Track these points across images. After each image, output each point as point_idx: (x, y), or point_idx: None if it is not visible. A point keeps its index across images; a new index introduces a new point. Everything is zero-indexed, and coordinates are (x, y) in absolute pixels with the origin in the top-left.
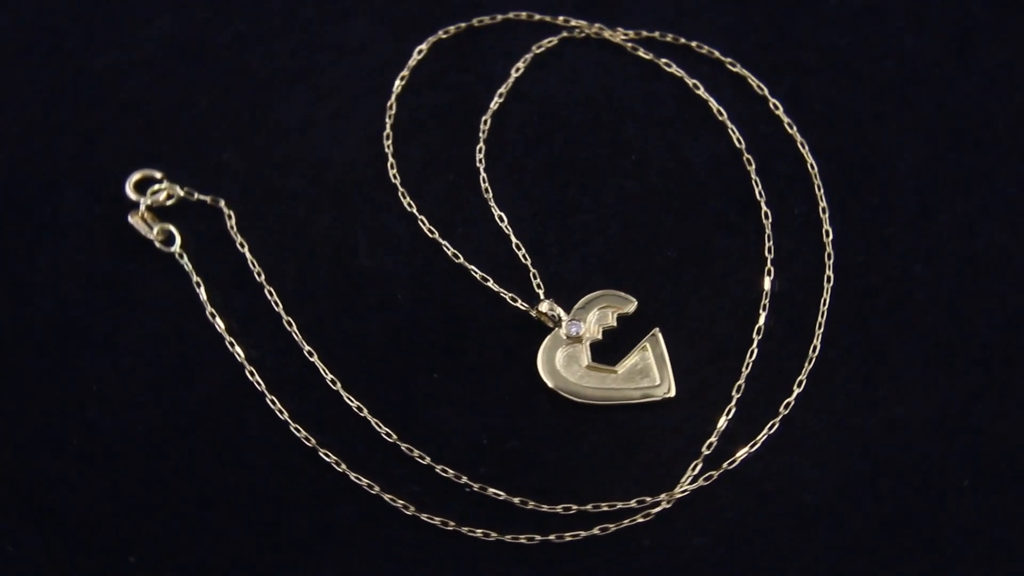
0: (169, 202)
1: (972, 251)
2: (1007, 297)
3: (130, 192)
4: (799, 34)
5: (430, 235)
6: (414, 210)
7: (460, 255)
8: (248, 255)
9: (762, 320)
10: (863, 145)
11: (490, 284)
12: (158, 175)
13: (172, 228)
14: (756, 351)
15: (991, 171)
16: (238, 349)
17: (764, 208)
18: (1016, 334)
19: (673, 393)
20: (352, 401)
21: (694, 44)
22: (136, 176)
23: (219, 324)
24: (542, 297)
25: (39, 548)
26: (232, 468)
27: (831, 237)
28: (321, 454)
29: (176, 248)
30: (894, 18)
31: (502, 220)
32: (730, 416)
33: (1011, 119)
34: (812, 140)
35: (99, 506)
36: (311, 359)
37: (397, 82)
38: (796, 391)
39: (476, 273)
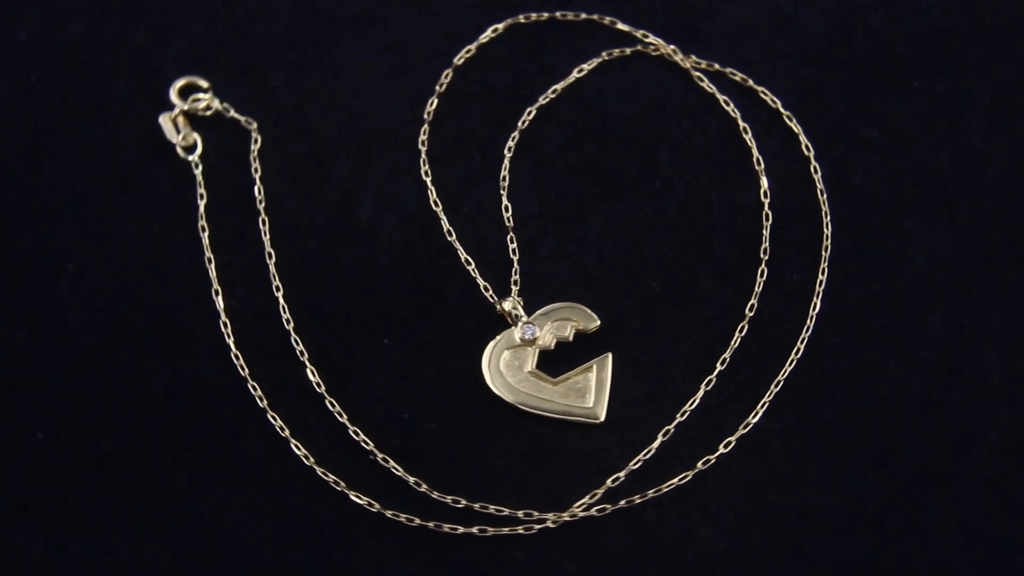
0: (206, 113)
1: (951, 364)
2: (968, 418)
3: (173, 95)
4: (869, 106)
5: (434, 207)
6: (428, 179)
7: (453, 232)
8: (257, 180)
9: (716, 372)
10: (886, 231)
11: (471, 268)
12: (204, 85)
13: (197, 137)
14: (698, 401)
15: (1004, 291)
16: (213, 267)
17: (763, 266)
18: (960, 457)
19: (601, 419)
20: (297, 344)
21: (760, 89)
22: (182, 82)
23: (205, 239)
24: (513, 295)
25: None
26: (162, 377)
27: (816, 311)
28: (249, 385)
29: (195, 157)
30: (971, 114)
31: (507, 210)
32: (648, 456)
33: None
34: (838, 212)
35: (29, 375)
36: (276, 294)
37: (462, 53)
38: (720, 450)
39: (461, 254)
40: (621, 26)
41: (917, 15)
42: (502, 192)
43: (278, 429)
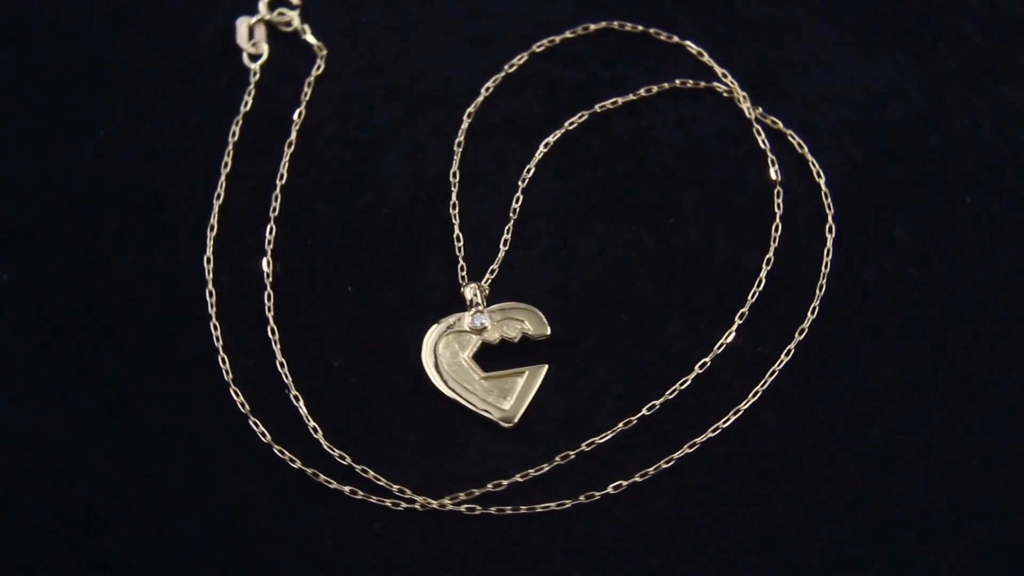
0: (285, 28)
1: (870, 484)
2: (863, 540)
3: (262, 5)
4: (911, 208)
5: (451, 177)
6: (459, 150)
7: (457, 206)
8: (302, 105)
9: (638, 415)
10: (870, 336)
11: (458, 245)
12: (295, 1)
13: (266, 48)
14: (611, 438)
15: (957, 429)
16: (226, 172)
17: (734, 329)
18: (836, 573)
19: (511, 425)
20: (267, 267)
21: (811, 159)
22: None
23: (231, 145)
24: (481, 282)
25: None
26: (134, 258)
27: (765, 387)
28: (207, 290)
29: (256, 66)
30: (1010, 244)
31: (517, 201)
32: (539, 473)
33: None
34: (830, 302)
35: (18, 219)
36: (270, 215)
37: (544, 41)
38: (609, 490)
39: (455, 228)
40: (706, 59)
41: (1003, 134)
42: (521, 183)
43: (214, 339)
